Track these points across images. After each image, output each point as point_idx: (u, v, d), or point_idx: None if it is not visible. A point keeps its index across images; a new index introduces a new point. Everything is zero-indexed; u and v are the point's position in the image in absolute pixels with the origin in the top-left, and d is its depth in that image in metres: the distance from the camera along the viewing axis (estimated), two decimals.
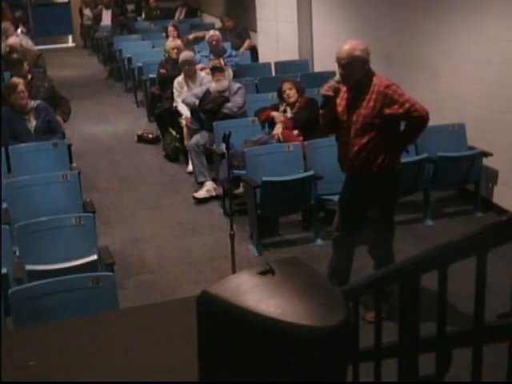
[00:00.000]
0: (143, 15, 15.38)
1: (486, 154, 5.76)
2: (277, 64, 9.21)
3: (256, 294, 1.56)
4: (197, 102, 6.97)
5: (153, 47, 11.34)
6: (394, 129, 4.02)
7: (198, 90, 7.15)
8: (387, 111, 3.88)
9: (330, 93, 3.98)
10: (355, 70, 3.90)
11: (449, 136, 6.02)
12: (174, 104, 7.67)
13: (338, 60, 3.91)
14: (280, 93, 6.42)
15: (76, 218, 4.36)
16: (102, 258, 4.20)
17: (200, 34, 10.83)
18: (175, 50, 8.46)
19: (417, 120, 3.91)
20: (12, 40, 9.07)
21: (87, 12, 16.30)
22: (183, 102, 7.32)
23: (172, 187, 7.00)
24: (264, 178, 5.24)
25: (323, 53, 8.88)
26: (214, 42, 8.82)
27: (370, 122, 3.91)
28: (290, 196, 5.41)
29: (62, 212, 4.62)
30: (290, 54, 9.40)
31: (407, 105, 3.86)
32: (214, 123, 6.54)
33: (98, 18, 14.79)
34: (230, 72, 7.41)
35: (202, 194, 6.52)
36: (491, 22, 5.60)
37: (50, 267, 4.14)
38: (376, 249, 4.23)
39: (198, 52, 9.07)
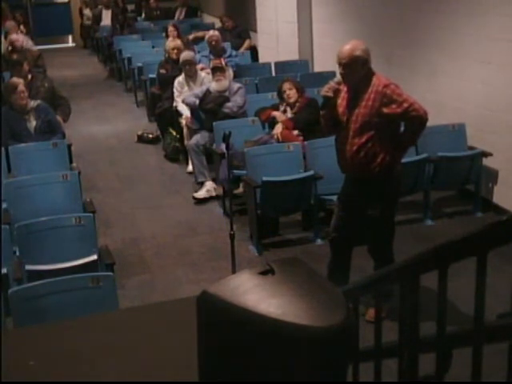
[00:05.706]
0: (143, 15, 15.39)
1: (485, 154, 5.76)
2: (277, 64, 9.21)
3: (256, 293, 1.56)
4: (197, 101, 6.97)
5: (153, 47, 11.33)
6: (392, 129, 4.02)
7: (199, 89, 7.15)
8: (385, 110, 3.88)
9: (330, 94, 4.00)
10: (355, 70, 3.92)
11: (449, 136, 6.02)
12: (174, 104, 7.67)
13: (339, 60, 3.93)
14: (280, 93, 6.41)
15: (76, 218, 4.36)
16: (102, 258, 4.20)
17: (200, 33, 10.83)
18: (175, 50, 8.44)
19: (415, 120, 3.92)
20: (14, 36, 9.08)
21: (87, 12, 16.30)
22: (183, 101, 7.31)
23: (172, 187, 6.99)
24: (264, 178, 5.24)
25: (323, 53, 8.87)
26: (213, 42, 8.82)
27: (369, 122, 3.92)
28: (289, 196, 5.41)
29: (61, 212, 4.61)
30: (290, 54, 9.39)
31: (405, 104, 3.86)
32: (214, 123, 6.54)
33: (98, 18, 14.78)
34: (230, 72, 7.41)
35: (201, 194, 6.52)
36: (493, 22, 5.60)
37: (50, 267, 4.14)
38: (376, 249, 4.23)
39: (198, 52, 9.06)
